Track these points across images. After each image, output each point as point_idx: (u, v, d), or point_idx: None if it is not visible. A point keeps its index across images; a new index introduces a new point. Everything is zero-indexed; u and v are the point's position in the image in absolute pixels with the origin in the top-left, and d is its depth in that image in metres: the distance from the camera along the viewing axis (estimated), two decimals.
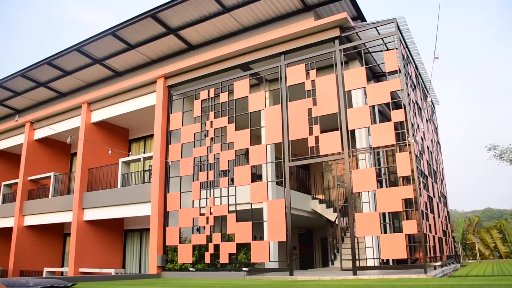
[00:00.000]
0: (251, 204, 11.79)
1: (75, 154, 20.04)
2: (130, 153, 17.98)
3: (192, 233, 12.75)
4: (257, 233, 12.62)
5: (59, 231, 19.66)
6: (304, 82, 11.55)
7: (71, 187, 18.90)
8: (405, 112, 10.01)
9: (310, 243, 21.12)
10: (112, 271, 14.92)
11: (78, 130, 16.95)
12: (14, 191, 20.07)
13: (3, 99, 20.09)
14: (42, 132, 19.11)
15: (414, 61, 13.58)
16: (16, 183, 19.54)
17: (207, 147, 12.91)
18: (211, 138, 12.91)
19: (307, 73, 11.58)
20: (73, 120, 17.63)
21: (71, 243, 15.71)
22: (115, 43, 15.22)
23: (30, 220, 18.26)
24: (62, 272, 17.84)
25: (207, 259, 12.19)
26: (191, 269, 12.51)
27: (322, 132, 10.96)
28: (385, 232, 11.00)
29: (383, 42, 11.33)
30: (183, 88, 14.44)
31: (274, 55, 12.42)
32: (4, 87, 19.01)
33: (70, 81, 18.18)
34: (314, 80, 11.40)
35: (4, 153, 21.91)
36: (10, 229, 19.19)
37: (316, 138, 10.97)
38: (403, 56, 10.90)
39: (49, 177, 18.32)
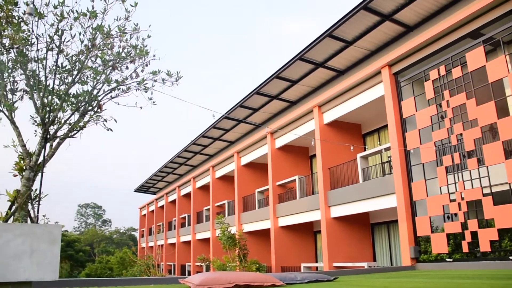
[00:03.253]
0: (510, 184, 10.50)
1: (314, 156, 21.32)
2: (366, 147, 18.10)
3: (444, 221, 12.02)
4: None
5: (309, 229, 21.07)
6: None
7: (315, 187, 20.08)
8: None
9: None
10: (364, 264, 15.18)
11: (313, 133, 17.90)
12: (266, 197, 22.38)
13: (245, 116, 22.70)
14: (281, 141, 20.91)
15: None
16: (267, 189, 21.81)
17: (447, 128, 12.03)
18: (450, 119, 12.02)
19: None
20: (306, 124, 18.75)
21: (322, 239, 16.60)
22: (333, 43, 15.58)
23: (283, 221, 20.06)
24: (317, 267, 19.00)
25: (465, 248, 11.29)
26: (447, 259, 11.80)
27: None
28: None
29: None
30: (409, 72, 13.82)
31: (510, 11, 10.84)
32: (244, 106, 21.48)
33: (298, 89, 19.38)
34: None
35: (252, 164, 24.78)
36: (267, 230, 21.51)
37: None
38: None
39: (294, 180, 19.81)
